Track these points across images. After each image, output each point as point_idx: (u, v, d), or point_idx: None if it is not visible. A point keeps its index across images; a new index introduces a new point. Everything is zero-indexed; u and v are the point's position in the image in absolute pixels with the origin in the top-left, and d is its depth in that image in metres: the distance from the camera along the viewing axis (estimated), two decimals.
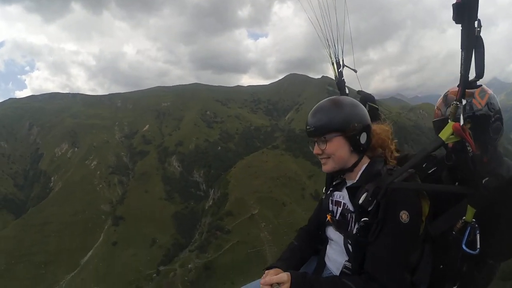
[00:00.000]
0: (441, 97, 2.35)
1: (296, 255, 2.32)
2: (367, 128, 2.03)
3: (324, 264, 2.25)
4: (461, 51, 1.46)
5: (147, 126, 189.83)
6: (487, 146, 2.08)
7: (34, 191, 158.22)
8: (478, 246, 1.73)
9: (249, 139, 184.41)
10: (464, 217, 1.80)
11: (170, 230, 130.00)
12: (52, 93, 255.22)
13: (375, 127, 2.17)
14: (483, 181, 1.77)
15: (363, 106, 2.12)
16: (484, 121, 2.06)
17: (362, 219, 1.82)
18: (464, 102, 1.58)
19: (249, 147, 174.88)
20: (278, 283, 1.74)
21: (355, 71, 3.10)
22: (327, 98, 2.13)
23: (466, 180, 1.82)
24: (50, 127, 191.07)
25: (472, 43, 1.43)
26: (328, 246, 2.26)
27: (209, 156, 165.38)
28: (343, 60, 3.05)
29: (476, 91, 2.06)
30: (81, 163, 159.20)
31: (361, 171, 2.05)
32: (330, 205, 2.21)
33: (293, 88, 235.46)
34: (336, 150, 1.97)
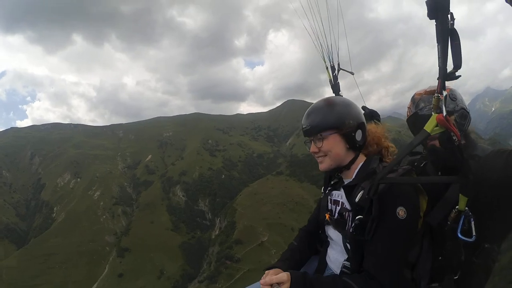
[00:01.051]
0: (410, 100, 2.46)
1: (295, 255, 2.33)
2: (362, 126, 2.07)
3: (325, 264, 2.26)
4: (437, 45, 1.47)
5: (149, 156, 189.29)
6: (464, 132, 2.24)
7: (36, 221, 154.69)
8: (474, 234, 1.73)
9: (253, 166, 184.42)
10: (457, 207, 1.79)
11: (178, 260, 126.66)
12: (54, 123, 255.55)
13: (370, 126, 2.21)
14: None
15: (356, 105, 2.16)
16: (449, 111, 2.12)
17: (357, 217, 1.81)
18: (445, 93, 1.59)
19: (253, 174, 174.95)
20: (278, 283, 1.74)
21: (352, 74, 3.12)
22: (322, 98, 2.18)
23: (448, 169, 1.83)
24: (52, 157, 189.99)
25: (446, 36, 1.45)
26: (328, 247, 2.27)
27: (214, 184, 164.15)
28: (338, 64, 3.11)
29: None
30: (84, 193, 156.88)
31: (357, 170, 2.07)
32: (329, 204, 2.23)
33: (291, 113, 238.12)
34: (332, 147, 2.01)
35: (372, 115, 2.77)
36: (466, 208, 1.76)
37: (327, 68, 3.11)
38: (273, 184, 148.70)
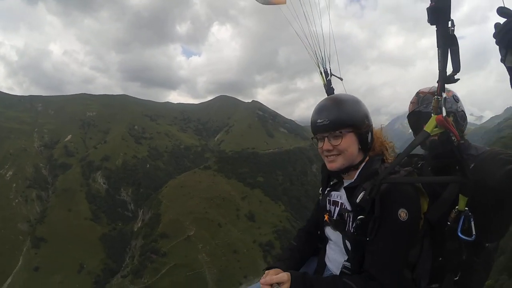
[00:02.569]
0: (415, 95, 2.62)
1: (295, 256, 2.38)
2: (372, 127, 2.12)
3: (324, 265, 2.30)
4: (438, 49, 1.52)
5: (69, 136, 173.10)
6: (462, 133, 2.41)
7: None
8: (474, 233, 1.76)
9: (179, 158, 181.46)
10: (457, 207, 1.82)
11: (99, 254, 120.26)
12: None
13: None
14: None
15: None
16: (452, 111, 2.36)
17: (359, 217, 1.83)
18: (444, 95, 1.64)
19: (179, 167, 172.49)
20: (278, 283, 1.75)
21: (341, 79, 3.33)
22: (330, 96, 2.32)
23: (446, 169, 1.91)
24: None
25: (447, 42, 1.49)
26: (327, 246, 2.31)
27: (138, 173, 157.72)
28: (330, 69, 3.31)
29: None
30: None
31: (359, 170, 2.09)
32: (328, 205, 2.24)
33: (223, 109, 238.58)
34: (349, 146, 2.00)
35: None
36: (466, 208, 1.79)
37: (321, 73, 3.31)
38: (201, 178, 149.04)
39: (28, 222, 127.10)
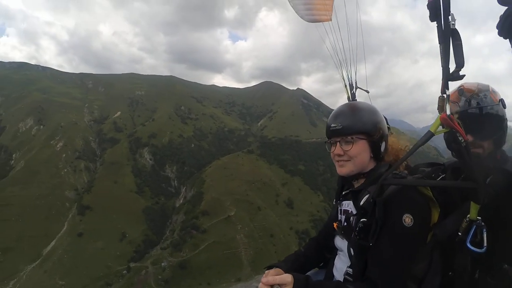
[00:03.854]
0: (455, 90, 2.24)
1: (299, 260, 2.33)
2: (386, 137, 2.07)
3: (332, 276, 2.22)
4: (439, 45, 1.46)
5: (118, 113, 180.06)
6: (502, 143, 2.06)
7: None
8: (485, 245, 1.63)
9: (223, 140, 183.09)
10: (468, 215, 1.69)
11: (141, 225, 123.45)
12: (21, 62, 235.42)
13: (391, 138, 2.19)
14: (488, 179, 1.72)
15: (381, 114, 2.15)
16: (501, 118, 2.04)
17: (361, 220, 1.79)
18: (448, 93, 1.56)
19: (223, 148, 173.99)
20: (280, 284, 1.68)
21: (367, 92, 3.23)
22: (347, 102, 2.17)
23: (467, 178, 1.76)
24: (16, 99, 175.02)
25: (448, 36, 1.44)
26: (336, 257, 2.23)
27: (183, 152, 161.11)
28: (356, 82, 3.21)
29: (490, 87, 2.07)
30: (46, 142, 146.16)
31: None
32: (339, 215, 2.20)
33: (267, 95, 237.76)
34: (360, 153, 1.97)
35: None
36: (479, 217, 1.67)
37: (345, 86, 3.18)
38: (243, 161, 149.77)
39: (75, 191, 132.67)
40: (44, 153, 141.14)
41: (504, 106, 2.10)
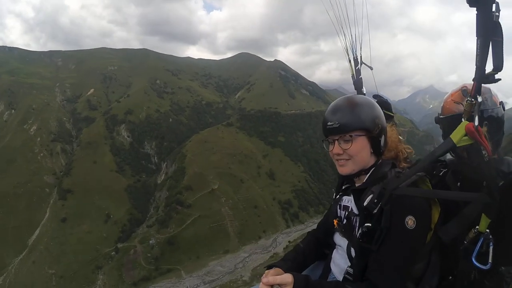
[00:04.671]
0: (458, 90, 2.24)
1: (299, 257, 2.32)
2: (385, 131, 2.02)
3: (329, 270, 2.24)
4: (477, 39, 1.31)
5: (92, 90, 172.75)
6: (500, 144, 2.09)
7: None
8: (490, 261, 1.60)
9: (201, 113, 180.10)
10: (477, 227, 1.66)
11: (125, 204, 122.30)
12: None
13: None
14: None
15: (380, 107, 2.09)
16: (501, 120, 2.06)
17: (365, 224, 1.77)
18: (480, 99, 1.45)
19: (201, 122, 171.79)
20: (280, 284, 1.68)
21: (371, 68, 3.14)
22: (344, 96, 2.08)
23: (469, 181, 1.80)
24: None
25: (489, 30, 1.29)
26: (334, 251, 2.24)
27: (161, 127, 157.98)
28: (361, 57, 3.07)
29: (492, 90, 2.06)
30: (19, 127, 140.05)
31: (369, 174, 2.00)
32: (338, 210, 2.19)
33: (244, 67, 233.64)
34: (360, 150, 1.92)
35: (381, 106, 2.65)
36: (487, 230, 1.62)
37: (349, 61, 3.04)
38: (223, 134, 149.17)
39: (54, 175, 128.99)
40: (18, 138, 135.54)
41: (504, 109, 2.10)
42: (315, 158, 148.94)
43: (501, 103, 2.08)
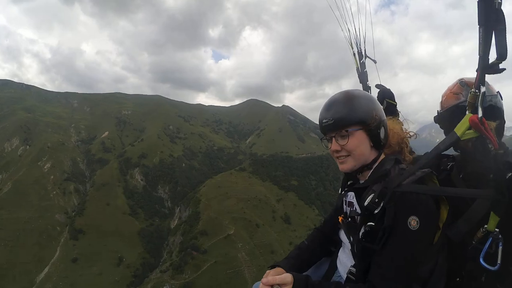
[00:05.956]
0: (455, 83, 2.18)
1: (303, 255, 2.26)
2: (385, 123, 1.93)
3: (335, 268, 2.19)
4: (479, 28, 1.26)
5: (106, 133, 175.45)
6: (502, 133, 2.03)
7: None
8: (499, 262, 1.52)
9: (213, 159, 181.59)
10: (486, 226, 1.58)
11: (137, 248, 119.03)
12: (4, 79, 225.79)
13: (388, 122, 2.02)
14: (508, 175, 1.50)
15: (378, 101, 2.01)
16: (500, 109, 2.02)
17: (368, 224, 1.70)
18: (483, 89, 1.40)
19: (214, 167, 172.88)
20: (280, 284, 1.64)
21: (375, 62, 3.10)
22: (340, 92, 2.00)
23: (474, 176, 1.72)
24: (0, 117, 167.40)
25: (492, 18, 1.23)
26: (340, 249, 2.19)
27: (175, 172, 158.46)
28: (365, 50, 3.05)
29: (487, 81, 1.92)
30: (33, 163, 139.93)
31: (371, 171, 1.93)
32: (344, 206, 2.11)
33: (253, 113, 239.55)
34: (358, 145, 1.84)
35: (384, 95, 2.73)
36: (496, 229, 1.54)
37: (354, 54, 3.04)
38: (237, 179, 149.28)
39: (66, 214, 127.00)
40: (31, 174, 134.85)
41: (501, 98, 2.03)
42: (329, 201, 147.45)
43: (498, 92, 2.01)
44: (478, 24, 1.27)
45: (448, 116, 2.11)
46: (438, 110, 2.28)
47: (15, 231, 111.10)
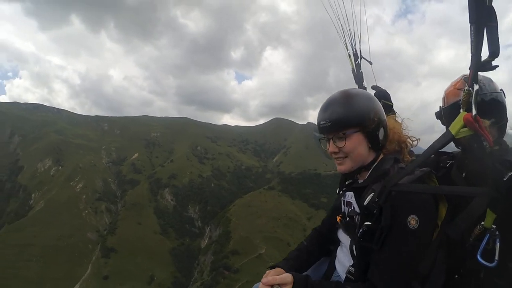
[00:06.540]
0: (459, 78, 2.08)
1: (302, 256, 2.23)
2: (384, 123, 1.87)
3: (334, 268, 2.15)
4: (470, 25, 1.25)
5: (136, 154, 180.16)
6: (504, 131, 1.94)
7: (10, 206, 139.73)
8: (497, 258, 1.49)
9: (241, 178, 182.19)
10: (482, 222, 1.55)
11: (169, 267, 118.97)
12: (37, 104, 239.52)
13: (388, 121, 1.97)
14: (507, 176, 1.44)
15: (377, 99, 1.95)
16: (504, 105, 1.94)
17: (365, 223, 1.67)
18: (476, 87, 1.37)
19: (242, 186, 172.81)
20: (280, 284, 1.63)
21: (370, 63, 3.01)
22: (339, 90, 1.93)
23: (474, 174, 1.68)
24: (33, 139, 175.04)
25: (483, 15, 1.22)
26: (338, 249, 2.15)
27: (204, 192, 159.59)
28: (360, 51, 2.97)
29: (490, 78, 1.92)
30: (65, 183, 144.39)
31: (370, 170, 1.89)
32: (342, 206, 2.08)
33: (279, 131, 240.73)
34: (355, 147, 1.81)
35: (380, 96, 2.65)
36: (493, 226, 1.52)
37: (349, 55, 2.96)
38: (266, 198, 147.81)
39: (97, 232, 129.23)
40: (64, 193, 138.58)
41: (505, 96, 2.00)
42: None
43: (501, 90, 1.97)
44: (470, 22, 1.25)
45: (450, 112, 2.03)
46: (440, 106, 2.20)
47: (47, 248, 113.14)
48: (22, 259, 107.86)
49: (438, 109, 2.24)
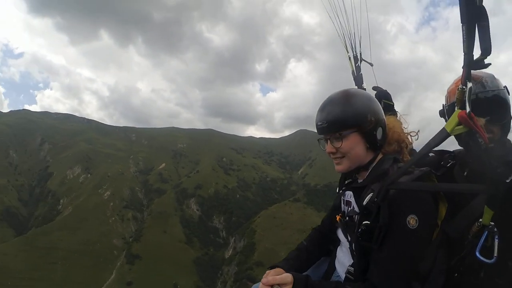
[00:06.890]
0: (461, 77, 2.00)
1: (302, 256, 2.21)
2: (382, 123, 1.87)
3: (334, 267, 2.15)
4: (462, 25, 1.25)
5: (163, 165, 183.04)
6: (508, 129, 1.91)
7: (39, 210, 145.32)
8: (496, 255, 1.48)
9: (266, 190, 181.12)
10: (480, 220, 1.55)
11: (192, 276, 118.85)
12: (67, 114, 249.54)
13: (388, 120, 1.97)
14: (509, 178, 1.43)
15: (376, 100, 1.94)
16: (508, 103, 1.91)
17: (363, 222, 1.66)
18: (469, 85, 1.37)
19: (267, 198, 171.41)
20: (280, 284, 1.62)
21: (371, 65, 2.99)
22: (339, 90, 1.92)
23: (476, 172, 1.66)
24: (63, 147, 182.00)
25: (474, 15, 1.22)
26: (338, 248, 2.14)
27: (229, 203, 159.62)
28: (360, 54, 2.95)
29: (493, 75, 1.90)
30: (94, 191, 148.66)
31: (369, 170, 1.89)
32: (342, 205, 2.06)
33: (303, 143, 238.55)
34: (352, 147, 1.81)
35: (381, 96, 2.67)
36: (492, 223, 1.52)
37: (349, 58, 2.98)
38: (291, 210, 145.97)
39: (123, 239, 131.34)
40: (92, 200, 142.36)
41: (509, 93, 1.97)
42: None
43: (505, 87, 1.96)
44: (461, 22, 1.26)
45: (452, 110, 1.87)
46: (443, 104, 2.18)
47: (73, 252, 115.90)
48: (48, 261, 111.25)
49: (441, 108, 2.18)
